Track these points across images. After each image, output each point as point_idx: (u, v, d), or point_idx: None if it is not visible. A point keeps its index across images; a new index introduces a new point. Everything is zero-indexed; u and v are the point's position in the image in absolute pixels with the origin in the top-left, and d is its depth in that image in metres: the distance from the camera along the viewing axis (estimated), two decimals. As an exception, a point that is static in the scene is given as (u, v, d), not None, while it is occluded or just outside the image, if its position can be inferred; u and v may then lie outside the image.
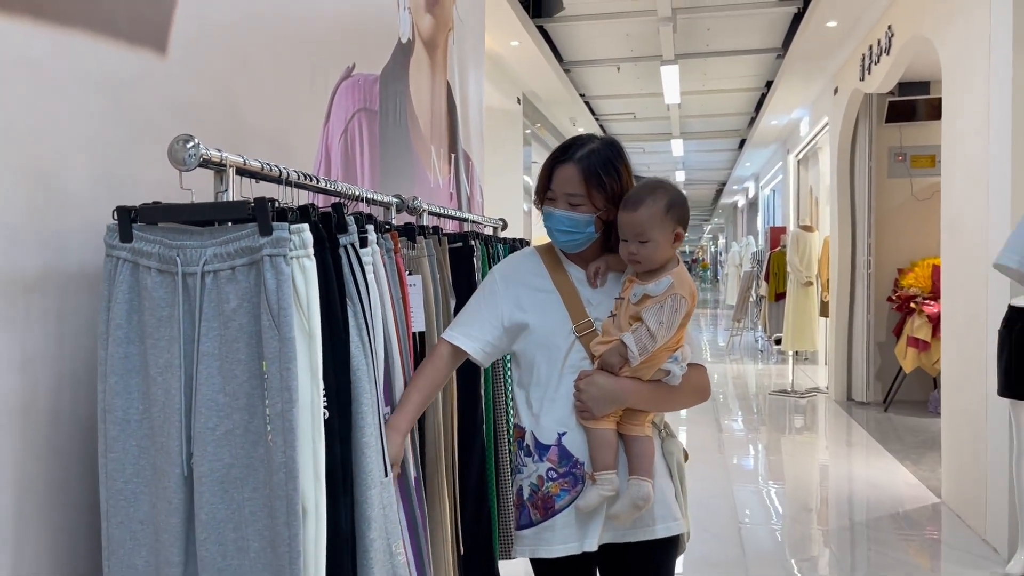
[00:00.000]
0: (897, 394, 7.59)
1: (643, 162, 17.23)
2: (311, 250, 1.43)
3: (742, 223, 23.19)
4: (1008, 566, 3.64)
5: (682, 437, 6.13)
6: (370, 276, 1.65)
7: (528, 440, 1.87)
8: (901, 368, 7.27)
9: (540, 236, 10.58)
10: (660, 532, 1.83)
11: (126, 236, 1.44)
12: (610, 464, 1.79)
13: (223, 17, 2.10)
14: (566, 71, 9.19)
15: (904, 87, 7.65)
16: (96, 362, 1.48)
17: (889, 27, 5.96)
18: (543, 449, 1.84)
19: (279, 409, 1.33)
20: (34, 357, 1.48)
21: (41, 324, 1.50)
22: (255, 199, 1.36)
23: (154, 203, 1.49)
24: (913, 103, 7.73)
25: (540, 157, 10.73)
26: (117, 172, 1.70)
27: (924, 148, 7.85)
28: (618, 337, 1.79)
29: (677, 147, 14.38)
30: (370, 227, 1.73)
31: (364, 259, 1.67)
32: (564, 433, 1.83)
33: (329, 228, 1.56)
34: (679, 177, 19.35)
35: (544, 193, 1.91)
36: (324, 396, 1.48)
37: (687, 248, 57.28)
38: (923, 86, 7.68)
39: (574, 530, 1.82)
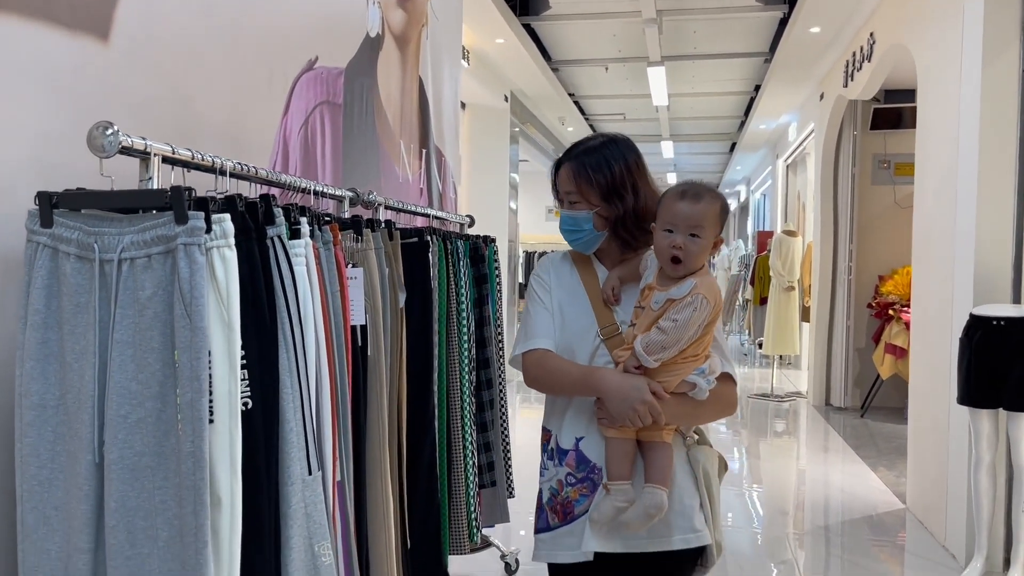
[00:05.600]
0: (874, 400, 7.62)
1: (635, 163, 17.23)
2: (232, 240, 1.44)
3: (734, 226, 23.20)
4: (964, 573, 3.66)
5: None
6: (299, 269, 1.65)
7: (552, 444, 1.84)
8: (879, 374, 7.30)
9: (527, 234, 10.57)
10: (676, 544, 1.75)
11: (46, 221, 1.44)
12: (625, 475, 1.72)
13: (172, 5, 2.10)
14: (554, 70, 9.19)
15: (890, 94, 7.66)
16: (16, 347, 1.48)
17: (871, 34, 5.97)
18: (562, 454, 1.81)
19: (188, 399, 1.33)
20: (-46, 341, 1.48)
21: (-38, 308, 1.50)
22: (171, 187, 1.36)
23: (78, 189, 1.50)
24: (899, 111, 7.74)
25: (528, 155, 10.75)
26: (52, 160, 1.70)
27: (908, 156, 7.80)
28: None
29: (667, 149, 14.39)
30: (303, 219, 1.73)
31: (295, 251, 1.67)
32: (582, 438, 1.79)
33: (256, 219, 1.57)
34: (671, 179, 19.36)
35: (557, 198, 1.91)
36: (248, 388, 1.49)
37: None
38: (909, 94, 7.68)
39: (599, 536, 1.76)
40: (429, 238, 2.66)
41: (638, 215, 1.81)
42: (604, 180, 1.80)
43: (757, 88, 10.00)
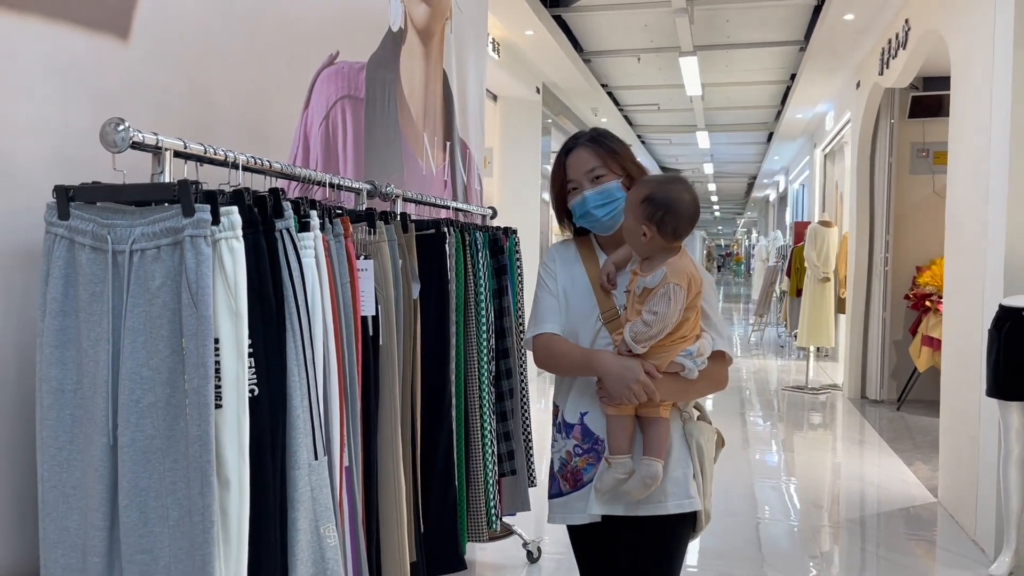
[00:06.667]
0: (911, 393, 7.51)
1: (671, 154, 17.13)
2: (239, 232, 1.49)
3: (773, 217, 22.93)
4: (992, 567, 3.61)
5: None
6: (308, 261, 1.70)
7: (560, 418, 2.01)
8: (916, 367, 7.19)
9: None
10: (671, 508, 1.91)
11: (63, 214, 1.50)
12: (624, 449, 1.88)
13: (192, 3, 2.16)
14: (587, 61, 9.16)
15: (929, 82, 7.52)
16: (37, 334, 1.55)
17: (906, 21, 5.87)
18: (569, 427, 1.97)
19: (195, 384, 1.39)
20: (-20, 329, 1.56)
21: (-12, 297, 1.57)
22: (179, 181, 1.42)
23: (93, 183, 1.56)
24: (939, 98, 7.58)
25: (560, 146, 10.73)
26: (73, 155, 1.77)
27: (947, 144, 7.71)
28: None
29: (703, 139, 14.26)
30: (313, 212, 1.78)
31: (304, 243, 1.72)
32: (586, 413, 1.95)
33: (264, 212, 1.62)
34: (707, 170, 19.20)
35: (565, 193, 2.00)
36: (254, 375, 1.54)
37: (722, 242, 56.68)
38: (948, 81, 7.53)
39: (602, 502, 1.93)
40: (446, 229, 2.69)
41: None
42: (625, 151, 1.99)
43: (793, 77, 9.87)
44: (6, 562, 1.61)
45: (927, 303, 7.07)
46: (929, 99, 7.60)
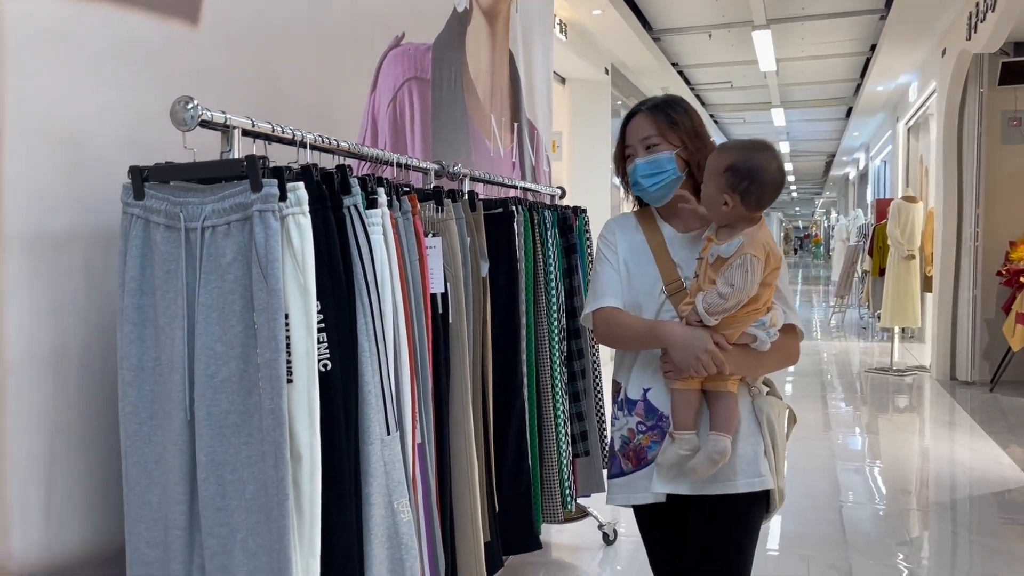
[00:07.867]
0: (1005, 374, 7.18)
1: (745, 133, 16.72)
2: (306, 207, 1.49)
3: (853, 196, 22.21)
4: (1097, 554, 3.42)
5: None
6: (376, 238, 1.70)
7: (622, 395, 1.94)
8: (1010, 346, 6.87)
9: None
10: (741, 487, 1.83)
11: (139, 194, 1.53)
12: (689, 424, 1.81)
13: (258, -11, 2.18)
14: (656, 39, 8.99)
15: (1021, 47, 7.15)
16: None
17: (995, -19, 5.58)
18: (631, 404, 1.91)
19: (267, 358, 1.40)
20: (63, 309, 1.61)
21: (70, 278, 1.62)
22: (247, 156, 1.43)
23: (166, 163, 1.58)
24: (1031, 63, 7.21)
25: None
26: (147, 138, 1.80)
27: (1042, 112, 7.34)
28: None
29: (778, 116, 13.88)
30: (380, 190, 1.78)
31: (372, 220, 1.72)
32: (649, 389, 1.89)
33: (332, 189, 1.62)
34: (783, 149, 18.70)
35: (624, 157, 1.96)
36: (327, 350, 1.55)
37: (800, 223, 55.22)
38: (1041, 45, 7.17)
39: (666, 480, 1.87)
40: (514, 208, 2.67)
41: None
42: (686, 122, 1.90)
43: (873, 48, 9.50)
44: (93, 536, 1.66)
45: (1021, 279, 6.74)
46: (1021, 64, 7.22)
